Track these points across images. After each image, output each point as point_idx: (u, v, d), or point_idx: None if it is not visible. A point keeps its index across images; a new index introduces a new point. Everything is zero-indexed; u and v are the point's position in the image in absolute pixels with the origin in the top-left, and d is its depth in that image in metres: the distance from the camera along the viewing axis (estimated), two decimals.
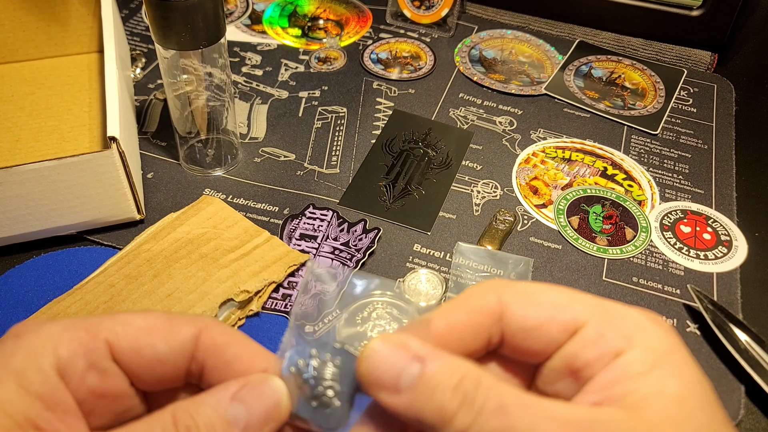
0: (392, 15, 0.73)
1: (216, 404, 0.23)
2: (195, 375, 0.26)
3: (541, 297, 0.25)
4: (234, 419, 0.23)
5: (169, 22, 0.46)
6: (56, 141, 0.57)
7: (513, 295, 0.25)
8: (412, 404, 0.23)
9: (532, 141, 0.61)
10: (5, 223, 0.47)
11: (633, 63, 0.70)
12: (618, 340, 0.23)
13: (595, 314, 0.24)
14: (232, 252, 0.48)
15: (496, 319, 0.25)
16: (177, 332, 0.25)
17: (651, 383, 0.22)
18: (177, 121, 0.54)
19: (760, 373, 0.43)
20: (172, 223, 0.50)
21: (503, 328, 0.25)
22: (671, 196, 0.57)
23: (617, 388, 0.22)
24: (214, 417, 0.23)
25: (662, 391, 0.22)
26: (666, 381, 0.22)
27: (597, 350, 0.23)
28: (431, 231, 0.52)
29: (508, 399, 0.22)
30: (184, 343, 0.25)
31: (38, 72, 0.64)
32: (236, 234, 0.49)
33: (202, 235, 0.49)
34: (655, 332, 0.23)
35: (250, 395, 0.24)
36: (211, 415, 0.23)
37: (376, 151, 0.59)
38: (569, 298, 0.25)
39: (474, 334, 0.25)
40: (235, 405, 0.24)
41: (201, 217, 0.50)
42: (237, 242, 0.49)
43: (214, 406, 0.23)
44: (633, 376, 0.22)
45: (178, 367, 0.25)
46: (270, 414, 0.24)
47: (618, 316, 0.24)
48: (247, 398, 0.24)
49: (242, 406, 0.24)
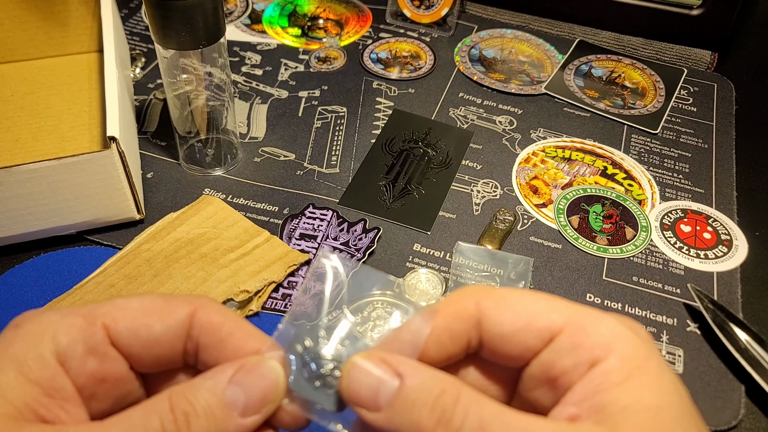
0: (392, 14, 0.73)
1: (213, 387, 0.24)
2: (191, 355, 0.26)
3: (517, 304, 0.25)
4: (232, 402, 0.23)
5: (168, 21, 0.46)
6: (56, 141, 0.57)
7: (491, 302, 0.25)
8: (391, 421, 0.23)
9: (532, 140, 0.61)
10: (5, 223, 0.47)
11: (633, 62, 0.70)
12: (593, 349, 0.23)
13: (570, 322, 0.24)
14: (231, 252, 0.48)
15: (474, 325, 0.25)
16: (173, 312, 0.25)
17: (627, 394, 0.22)
18: (177, 120, 0.54)
19: (760, 373, 0.43)
20: (172, 223, 0.50)
21: (482, 334, 0.25)
22: (671, 195, 0.57)
23: (594, 400, 0.22)
24: (212, 400, 0.23)
25: (639, 403, 0.22)
26: (643, 392, 0.22)
27: (572, 359, 0.23)
28: (431, 230, 0.52)
29: (487, 416, 0.22)
30: (180, 321, 0.25)
31: (38, 71, 0.64)
32: (236, 234, 0.49)
33: (202, 235, 0.49)
34: (630, 340, 0.23)
35: (247, 377, 0.24)
36: (208, 399, 0.23)
37: (376, 151, 0.59)
38: (546, 305, 0.25)
39: (453, 339, 0.25)
40: (233, 388, 0.24)
41: (201, 217, 0.50)
42: (237, 242, 0.49)
43: (212, 389, 0.23)
44: (609, 387, 0.22)
45: (174, 346, 0.25)
46: (267, 395, 0.24)
47: (593, 323, 0.24)
48: (244, 380, 0.24)
49: (239, 388, 0.24)
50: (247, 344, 0.25)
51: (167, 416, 0.23)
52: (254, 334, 0.26)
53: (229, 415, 0.23)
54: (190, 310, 0.25)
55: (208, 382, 0.24)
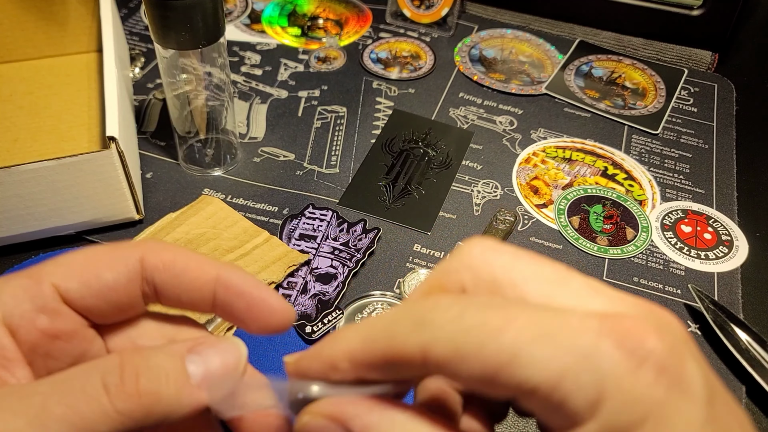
0: (392, 14, 0.73)
1: (171, 351, 0.23)
2: (151, 296, 0.25)
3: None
4: (190, 369, 0.22)
5: (168, 21, 0.45)
6: (55, 141, 0.56)
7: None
8: None
9: (533, 141, 0.61)
10: (4, 223, 0.46)
11: (633, 62, 0.70)
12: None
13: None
14: (231, 252, 0.47)
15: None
16: (120, 258, 0.24)
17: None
18: (176, 120, 0.53)
19: (761, 373, 0.43)
20: (171, 223, 0.49)
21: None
22: (672, 195, 0.56)
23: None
24: (169, 362, 0.22)
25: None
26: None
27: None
28: (431, 231, 0.52)
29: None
30: (129, 266, 0.24)
31: (37, 71, 0.63)
32: (235, 234, 0.49)
33: (201, 236, 0.48)
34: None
35: (208, 349, 0.23)
36: (165, 360, 0.22)
37: (376, 151, 0.58)
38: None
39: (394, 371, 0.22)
40: (193, 356, 0.23)
41: (200, 217, 0.50)
42: (236, 242, 0.48)
43: (170, 353, 0.22)
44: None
45: (131, 291, 0.24)
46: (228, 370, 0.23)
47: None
48: (206, 351, 0.23)
49: (200, 357, 0.23)
50: (203, 273, 0.25)
51: (113, 372, 0.21)
52: (206, 262, 0.25)
53: (185, 381, 0.22)
54: (138, 255, 0.25)
55: (166, 347, 0.23)
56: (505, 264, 0.22)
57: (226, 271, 0.25)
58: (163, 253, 0.25)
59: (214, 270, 0.25)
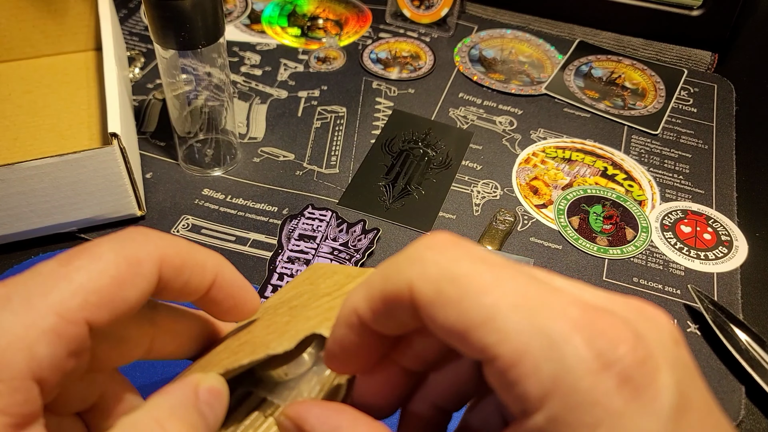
0: (392, 14, 0.73)
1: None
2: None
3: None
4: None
5: (168, 21, 0.45)
6: (55, 139, 0.56)
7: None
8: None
9: (532, 141, 0.61)
10: (6, 220, 0.46)
11: (633, 63, 0.70)
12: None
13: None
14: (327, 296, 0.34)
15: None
16: (142, 275, 0.24)
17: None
18: (176, 121, 0.53)
19: (760, 374, 0.43)
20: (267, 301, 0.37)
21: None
22: (671, 196, 0.56)
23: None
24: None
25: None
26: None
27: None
28: (431, 231, 0.52)
29: None
30: (151, 281, 0.24)
31: (36, 70, 0.63)
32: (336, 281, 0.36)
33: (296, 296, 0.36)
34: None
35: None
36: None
37: (376, 151, 0.58)
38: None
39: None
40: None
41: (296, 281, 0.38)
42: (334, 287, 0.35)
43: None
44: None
45: (142, 302, 0.24)
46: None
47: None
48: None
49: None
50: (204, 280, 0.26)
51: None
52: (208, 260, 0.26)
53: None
54: (157, 266, 0.24)
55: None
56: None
57: (221, 273, 0.26)
58: (174, 259, 0.24)
59: (213, 271, 0.26)
